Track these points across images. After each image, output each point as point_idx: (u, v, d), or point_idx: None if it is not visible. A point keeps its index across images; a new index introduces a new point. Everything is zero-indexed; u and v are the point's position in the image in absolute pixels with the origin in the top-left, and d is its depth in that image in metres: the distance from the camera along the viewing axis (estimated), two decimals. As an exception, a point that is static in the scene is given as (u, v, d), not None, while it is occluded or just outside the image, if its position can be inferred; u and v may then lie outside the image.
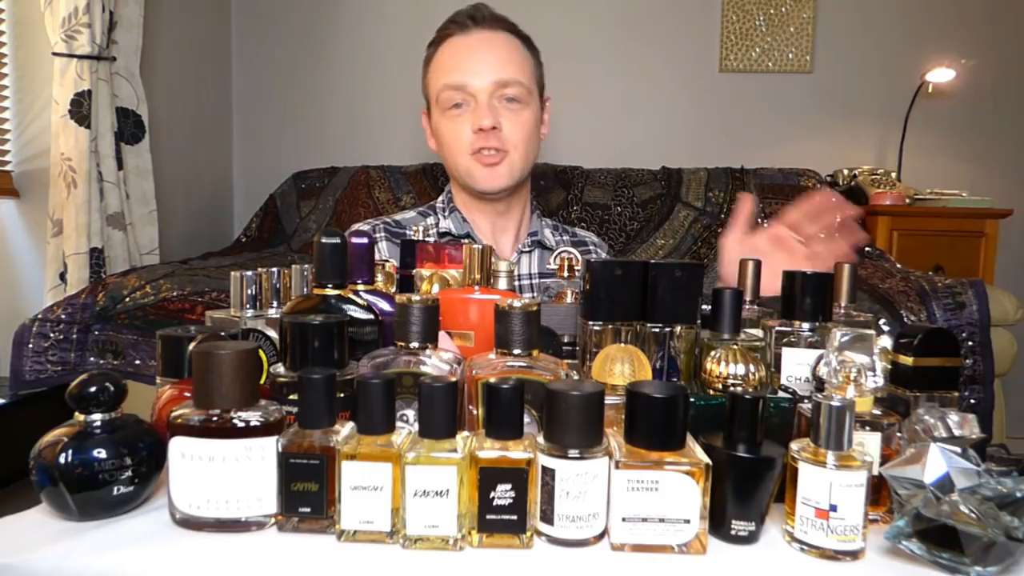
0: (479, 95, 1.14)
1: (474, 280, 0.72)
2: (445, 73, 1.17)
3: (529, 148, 1.20)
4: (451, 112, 1.17)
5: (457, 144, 1.17)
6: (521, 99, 1.17)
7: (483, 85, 1.14)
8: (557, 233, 1.34)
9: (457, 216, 1.25)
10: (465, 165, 1.18)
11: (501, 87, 1.15)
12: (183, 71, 2.36)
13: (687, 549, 0.52)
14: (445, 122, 1.19)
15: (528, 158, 1.20)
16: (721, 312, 0.65)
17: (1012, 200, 2.34)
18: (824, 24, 2.55)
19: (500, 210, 1.25)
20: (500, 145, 1.15)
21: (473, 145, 1.15)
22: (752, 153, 2.50)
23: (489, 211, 1.25)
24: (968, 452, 0.52)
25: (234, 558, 0.50)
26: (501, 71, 1.15)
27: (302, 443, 0.53)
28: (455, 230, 1.24)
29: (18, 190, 1.82)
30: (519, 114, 1.17)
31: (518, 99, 1.17)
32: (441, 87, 1.17)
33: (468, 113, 1.16)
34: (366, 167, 2.40)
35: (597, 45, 2.59)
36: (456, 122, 1.17)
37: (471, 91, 1.15)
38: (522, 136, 1.17)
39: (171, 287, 1.57)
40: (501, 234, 1.27)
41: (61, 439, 0.54)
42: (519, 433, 0.53)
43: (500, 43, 1.18)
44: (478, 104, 1.15)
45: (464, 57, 1.16)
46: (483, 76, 1.14)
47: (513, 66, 1.17)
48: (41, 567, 0.49)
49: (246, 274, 0.73)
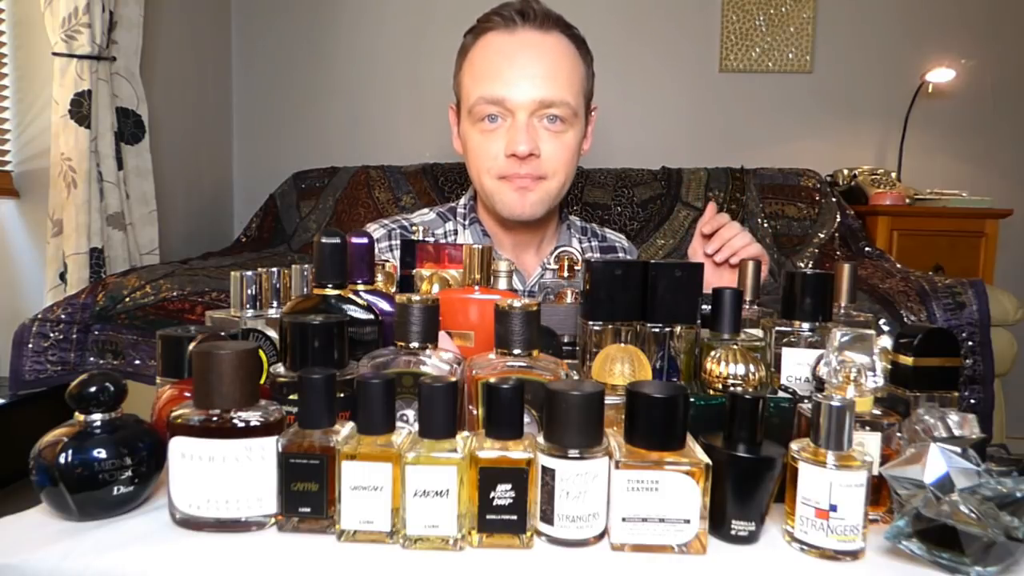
0: (517, 112, 0.99)
1: (474, 280, 0.72)
2: (481, 81, 1.01)
3: (568, 174, 1.05)
4: (483, 124, 1.02)
5: (485, 164, 1.03)
6: (566, 119, 1.02)
7: (523, 101, 0.99)
8: (586, 239, 1.22)
9: (477, 229, 1.14)
10: (490, 187, 1.04)
11: (545, 107, 1.00)
12: (183, 71, 2.36)
13: (687, 549, 0.52)
14: (475, 135, 1.04)
15: (565, 185, 1.06)
16: (721, 312, 0.65)
17: (1012, 200, 2.34)
18: (824, 24, 2.55)
19: (524, 238, 1.13)
20: (536, 172, 1.01)
21: (504, 170, 1.01)
22: (752, 153, 2.50)
23: (512, 235, 1.13)
24: (968, 452, 0.52)
25: (234, 558, 0.50)
26: (545, 88, 0.99)
27: (302, 443, 0.53)
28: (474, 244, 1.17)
29: (18, 190, 1.82)
30: (561, 137, 1.02)
31: (562, 119, 1.01)
32: (476, 98, 1.01)
33: (503, 131, 1.01)
34: (366, 167, 2.41)
35: (597, 45, 2.56)
36: (488, 138, 1.02)
37: (509, 107, 0.99)
38: (562, 161, 1.03)
39: (171, 287, 1.57)
40: (524, 252, 1.15)
41: (61, 439, 0.54)
42: (519, 433, 0.53)
43: (548, 49, 1.01)
44: (515, 123, 0.99)
45: (505, 64, 1.00)
46: (524, 91, 0.98)
47: (560, 81, 1.00)
48: (41, 567, 0.49)
49: (246, 274, 0.73)
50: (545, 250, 1.17)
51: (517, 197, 1.03)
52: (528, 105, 0.99)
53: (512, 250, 1.15)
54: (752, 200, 2.27)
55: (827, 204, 2.24)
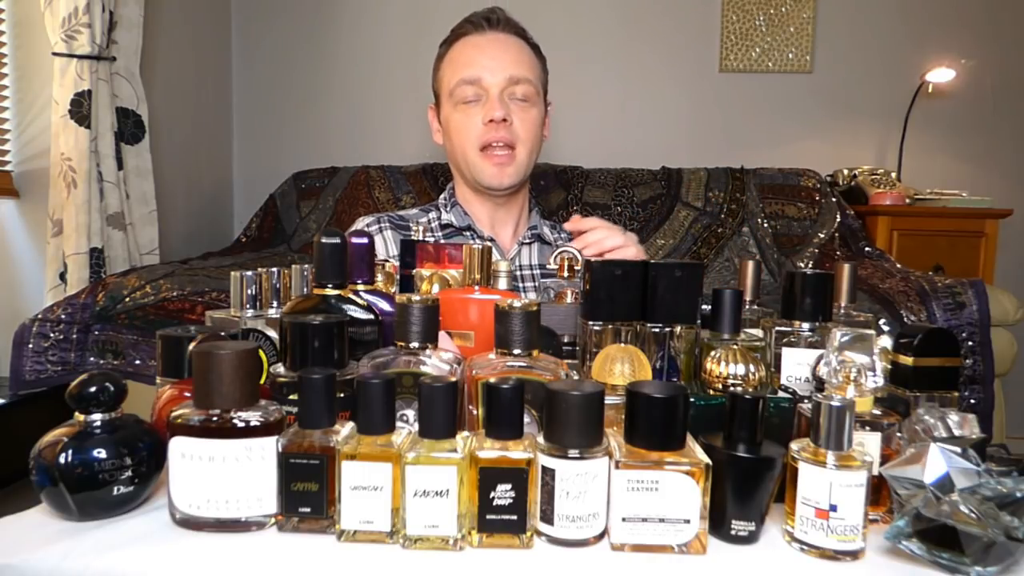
0: (491, 89, 1.21)
1: (474, 280, 0.72)
2: (461, 68, 1.23)
3: (534, 145, 1.26)
4: (463, 106, 1.23)
5: (467, 136, 1.23)
6: (529, 98, 1.24)
7: (496, 80, 1.21)
8: (555, 231, 1.38)
9: (459, 210, 1.30)
10: (473, 159, 1.23)
11: (512, 83, 1.21)
12: (183, 71, 2.36)
13: (687, 549, 0.52)
14: (456, 115, 1.24)
15: (533, 155, 1.27)
16: (721, 312, 0.65)
17: (1012, 200, 2.34)
18: (824, 24, 2.55)
19: (500, 203, 1.30)
20: (509, 138, 1.21)
21: (483, 137, 1.21)
22: (752, 153, 2.50)
23: (490, 204, 1.30)
24: (968, 452, 0.52)
25: (234, 558, 0.50)
26: (513, 68, 1.22)
27: (302, 443, 0.53)
28: (456, 222, 1.29)
29: (18, 190, 1.81)
30: (528, 111, 1.24)
31: (527, 98, 1.23)
32: (457, 81, 1.22)
33: (479, 106, 1.22)
34: (366, 167, 2.40)
35: (597, 45, 2.59)
36: (467, 114, 1.23)
37: (484, 85, 1.21)
38: (529, 132, 1.24)
39: (171, 287, 1.57)
40: (501, 227, 1.32)
41: (61, 439, 0.54)
42: (519, 433, 0.53)
43: (512, 45, 1.25)
44: (490, 98, 1.21)
45: (479, 54, 1.23)
46: (496, 72, 1.21)
47: (524, 66, 1.24)
48: (41, 567, 0.49)
49: (246, 274, 0.73)
50: (521, 230, 1.35)
51: (496, 170, 1.23)
52: (500, 83, 1.21)
53: (492, 228, 1.32)
54: (752, 200, 2.27)
55: (827, 204, 2.23)
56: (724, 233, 2.23)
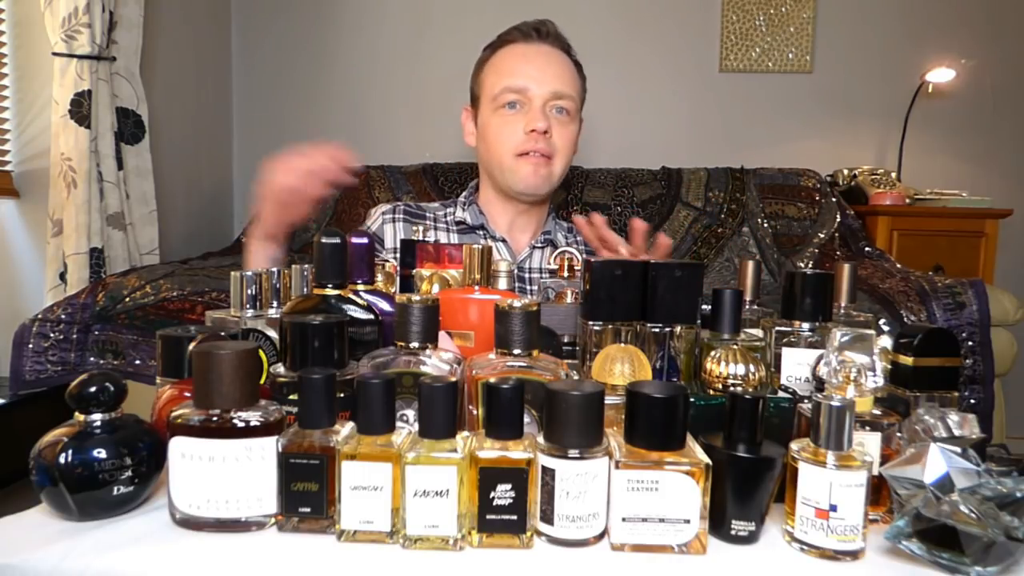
0: (535, 100, 1.22)
1: (474, 280, 0.72)
2: (507, 75, 1.24)
3: (568, 159, 1.28)
4: (504, 111, 1.23)
5: (505, 143, 1.23)
6: (570, 113, 1.25)
7: (541, 92, 1.21)
8: (571, 235, 1.38)
9: (475, 209, 1.31)
10: (509, 164, 1.23)
11: (556, 98, 1.23)
12: (183, 71, 2.36)
13: (687, 549, 0.52)
14: (496, 120, 1.24)
15: (566, 168, 1.28)
16: (721, 312, 0.65)
17: (1012, 200, 2.34)
18: (824, 24, 2.55)
19: (523, 210, 1.31)
20: (547, 149, 1.22)
21: (522, 146, 1.22)
22: (752, 153, 2.50)
23: (512, 210, 1.31)
24: (968, 452, 0.52)
25: (234, 558, 0.50)
26: (559, 83, 1.23)
27: (302, 443, 0.53)
28: (470, 220, 1.29)
29: (18, 190, 1.81)
30: (567, 126, 1.25)
31: (568, 111, 1.25)
32: (501, 88, 1.23)
33: (521, 115, 1.22)
34: (366, 167, 2.40)
35: (597, 45, 2.58)
36: (508, 120, 1.23)
37: (529, 95, 1.22)
38: (565, 145, 1.25)
39: (171, 287, 1.57)
40: (519, 232, 1.32)
41: (61, 439, 0.54)
42: (519, 433, 0.53)
43: (559, 60, 1.26)
44: (532, 108, 1.22)
45: (526, 64, 1.24)
46: (543, 84, 1.22)
47: (568, 82, 1.25)
48: (41, 567, 0.49)
49: (246, 274, 0.73)
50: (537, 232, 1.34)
51: (532, 170, 1.22)
52: (544, 95, 1.22)
53: (507, 228, 1.32)
54: (752, 200, 2.27)
55: (827, 204, 2.23)
56: (724, 233, 2.23)
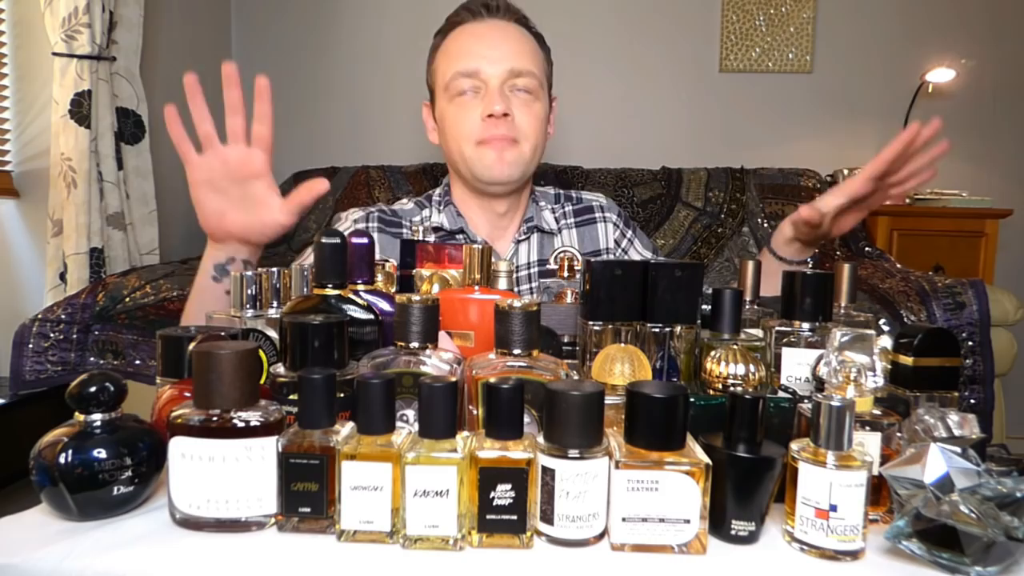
0: (491, 81, 1.10)
1: (474, 280, 0.72)
2: (456, 59, 1.12)
3: (538, 141, 1.15)
4: (459, 99, 1.12)
5: (463, 131, 1.11)
6: (532, 91, 1.13)
7: (495, 71, 1.09)
8: (559, 205, 1.27)
9: (451, 210, 1.20)
10: (470, 154, 1.12)
11: (514, 76, 1.10)
12: (183, 71, 2.35)
13: (687, 549, 0.52)
14: (452, 109, 1.13)
15: (537, 152, 1.15)
16: (721, 312, 0.65)
17: (1012, 200, 2.34)
18: (824, 24, 2.55)
19: (500, 211, 1.19)
20: (510, 133, 1.10)
21: (481, 133, 1.10)
22: (752, 153, 2.50)
23: (489, 210, 1.19)
24: (968, 452, 0.52)
25: (234, 558, 0.50)
26: (515, 60, 1.11)
27: (302, 443, 0.53)
28: (448, 225, 1.18)
29: (18, 190, 1.82)
30: (530, 105, 1.12)
31: (529, 90, 1.12)
32: (452, 74, 1.11)
33: (478, 99, 1.11)
34: (366, 167, 2.40)
35: (597, 45, 2.59)
36: (464, 108, 1.11)
37: (483, 77, 1.10)
38: (532, 127, 1.12)
39: (171, 287, 1.57)
40: (499, 231, 1.22)
41: (61, 439, 0.54)
42: (519, 433, 0.53)
43: (513, 34, 1.14)
44: (488, 90, 1.10)
45: (476, 43, 1.12)
46: (496, 64, 1.10)
47: (526, 57, 1.12)
48: (41, 567, 0.49)
49: (246, 274, 0.73)
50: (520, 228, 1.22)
51: (496, 157, 1.10)
52: (500, 75, 1.10)
53: (488, 229, 1.21)
54: (752, 200, 2.27)
55: (827, 204, 2.23)
56: (724, 233, 2.23)
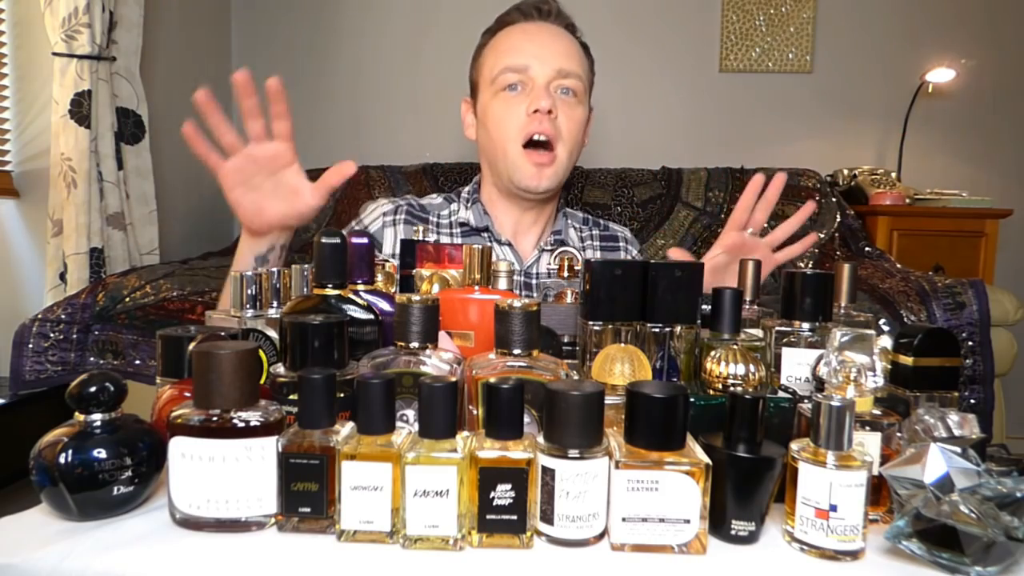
0: (538, 79, 1.11)
1: (474, 280, 0.72)
2: (506, 55, 1.14)
3: (575, 147, 1.17)
4: (505, 93, 1.13)
5: (508, 127, 1.13)
6: (577, 93, 1.15)
7: (544, 70, 1.11)
8: (586, 228, 1.30)
9: (479, 208, 1.21)
10: (514, 156, 1.13)
11: (561, 76, 1.12)
12: (183, 71, 2.36)
13: (687, 549, 0.52)
14: (497, 103, 1.14)
15: (572, 158, 1.18)
16: (721, 312, 0.65)
17: (1012, 200, 2.34)
18: (824, 24, 2.55)
19: (528, 208, 1.21)
20: (552, 131, 1.11)
21: (525, 128, 1.11)
22: (752, 153, 2.50)
23: (516, 209, 1.21)
24: (968, 452, 0.52)
25: (234, 558, 0.50)
26: (563, 60, 1.13)
27: (302, 443, 0.53)
28: (474, 222, 1.20)
29: (18, 190, 1.82)
30: (573, 108, 1.15)
31: (575, 92, 1.15)
32: (501, 68, 1.13)
33: (524, 95, 1.12)
34: (366, 167, 2.40)
35: (597, 45, 2.55)
36: (510, 103, 1.13)
37: (531, 75, 1.12)
38: (572, 130, 1.14)
39: (171, 287, 1.57)
40: (524, 235, 1.23)
41: (61, 439, 0.54)
42: (519, 433, 0.53)
43: (563, 37, 1.16)
44: (535, 87, 1.11)
45: (527, 42, 1.14)
46: (545, 62, 1.12)
47: (573, 60, 1.15)
48: (41, 567, 0.49)
49: (246, 274, 0.73)
50: (545, 235, 1.24)
51: (535, 171, 1.13)
52: (548, 74, 1.12)
53: (513, 230, 1.22)
54: (752, 200, 2.27)
55: (827, 204, 2.23)
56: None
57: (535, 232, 1.23)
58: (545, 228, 1.25)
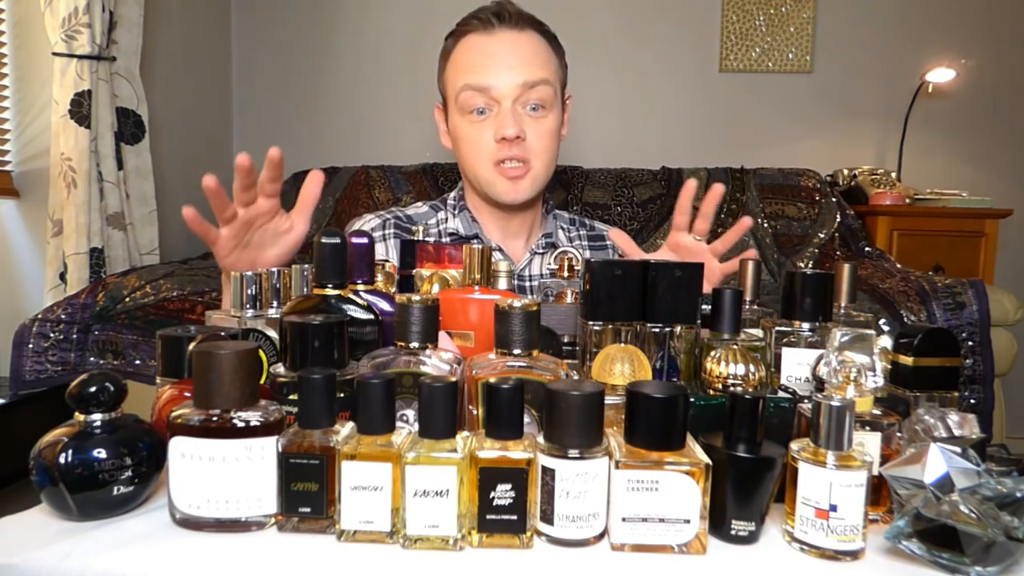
0: (503, 100, 1.09)
1: (474, 280, 0.72)
2: (467, 72, 1.11)
3: (551, 156, 1.16)
4: (472, 117, 1.12)
5: (478, 152, 1.13)
6: (546, 104, 1.12)
7: (507, 90, 1.09)
8: (574, 228, 1.30)
9: (466, 216, 1.22)
10: (486, 177, 1.13)
11: (527, 89, 1.10)
12: (183, 71, 2.36)
13: (687, 549, 0.52)
14: (465, 126, 1.13)
15: (550, 167, 1.17)
16: (721, 312, 0.65)
17: (1012, 200, 2.34)
18: (824, 24, 2.55)
19: (513, 216, 1.21)
20: (523, 155, 1.11)
21: (495, 155, 1.11)
22: (752, 153, 2.50)
23: (501, 216, 1.21)
24: (968, 452, 0.52)
25: (234, 558, 0.50)
26: (527, 72, 1.10)
27: (302, 443, 0.53)
28: (463, 230, 1.21)
29: (18, 190, 1.82)
30: (543, 122, 1.12)
31: (542, 104, 1.12)
32: (461, 86, 1.11)
33: (491, 120, 1.11)
34: (366, 167, 2.41)
35: (597, 45, 2.59)
36: (477, 128, 1.12)
37: (495, 95, 1.09)
38: (545, 145, 1.13)
39: (171, 287, 1.57)
40: (512, 239, 1.23)
41: (61, 439, 0.54)
42: (519, 433, 0.53)
43: (525, 43, 1.12)
44: (501, 111, 1.09)
45: (486, 60, 1.10)
46: (507, 79, 1.09)
47: (538, 66, 1.11)
48: (41, 567, 0.49)
49: (246, 274, 0.73)
50: (533, 239, 1.25)
51: (510, 186, 1.13)
52: (511, 92, 1.09)
53: (501, 236, 1.23)
54: (752, 200, 2.27)
55: (827, 204, 2.24)
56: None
57: (523, 236, 1.24)
58: (532, 231, 1.25)
